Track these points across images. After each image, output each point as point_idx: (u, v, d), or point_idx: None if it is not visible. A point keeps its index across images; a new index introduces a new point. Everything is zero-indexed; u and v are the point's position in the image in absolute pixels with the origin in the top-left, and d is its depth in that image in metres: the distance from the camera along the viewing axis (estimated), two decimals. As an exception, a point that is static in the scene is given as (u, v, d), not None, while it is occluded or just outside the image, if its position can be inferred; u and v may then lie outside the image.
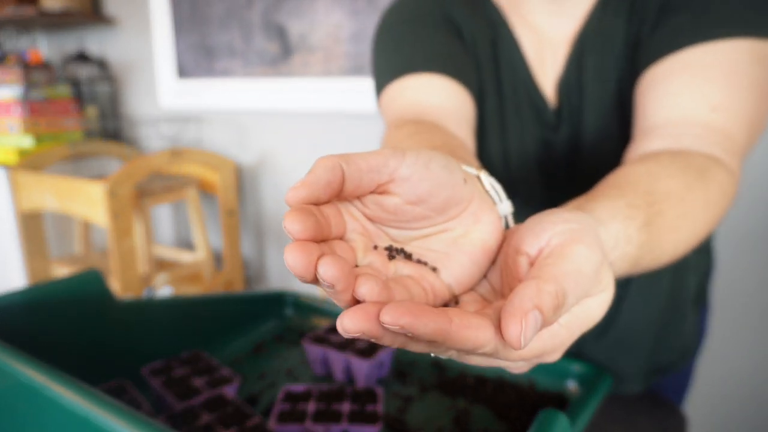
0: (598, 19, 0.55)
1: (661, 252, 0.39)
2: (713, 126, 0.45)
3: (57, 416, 0.37)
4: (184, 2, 1.89)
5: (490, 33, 0.59)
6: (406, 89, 0.56)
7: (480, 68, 0.59)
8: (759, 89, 0.47)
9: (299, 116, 1.76)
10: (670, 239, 0.38)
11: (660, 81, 0.48)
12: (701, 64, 0.47)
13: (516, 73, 0.59)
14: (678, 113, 0.46)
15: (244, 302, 0.80)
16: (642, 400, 0.63)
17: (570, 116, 0.58)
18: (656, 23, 0.52)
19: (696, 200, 0.40)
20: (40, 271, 1.93)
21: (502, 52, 0.59)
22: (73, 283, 0.57)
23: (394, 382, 0.65)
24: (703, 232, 0.43)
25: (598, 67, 0.55)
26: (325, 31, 1.63)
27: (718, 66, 0.46)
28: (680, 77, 0.47)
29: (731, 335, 1.24)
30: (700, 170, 0.42)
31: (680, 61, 0.48)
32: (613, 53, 0.55)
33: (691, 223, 0.40)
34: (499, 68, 0.59)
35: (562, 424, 0.43)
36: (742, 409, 1.28)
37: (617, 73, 0.55)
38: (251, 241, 2.02)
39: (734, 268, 1.21)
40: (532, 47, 0.59)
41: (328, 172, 0.24)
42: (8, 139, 1.92)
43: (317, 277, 0.22)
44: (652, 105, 0.48)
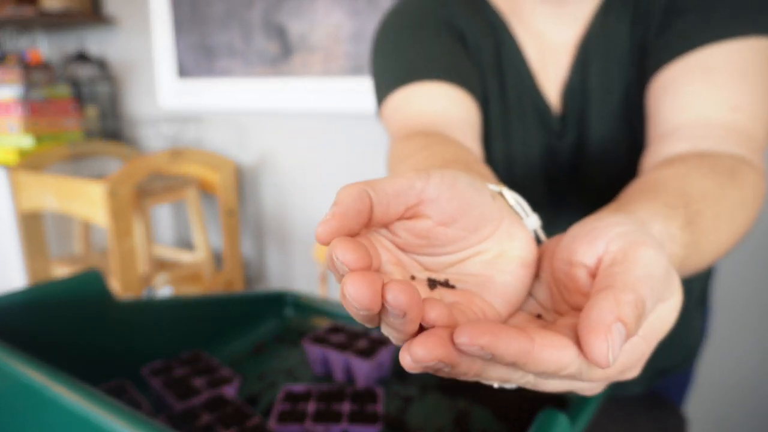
0: (600, 24, 0.55)
1: (703, 253, 0.37)
2: (734, 127, 0.44)
3: (57, 416, 0.37)
4: (184, 2, 1.89)
5: (492, 38, 0.58)
6: (410, 98, 0.54)
7: (484, 73, 0.58)
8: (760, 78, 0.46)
9: (299, 116, 1.76)
10: (712, 240, 0.37)
11: (674, 84, 0.48)
12: (714, 64, 0.46)
13: (520, 79, 0.58)
14: (697, 115, 0.45)
15: (244, 302, 0.80)
16: (642, 401, 0.63)
17: (575, 122, 0.57)
18: (662, 26, 0.51)
19: (731, 200, 0.40)
20: (40, 271, 1.93)
21: (505, 57, 0.58)
22: (73, 283, 0.57)
23: (394, 382, 0.65)
24: (740, 233, 0.42)
25: (603, 72, 0.55)
26: (325, 31, 1.63)
27: (731, 66, 0.46)
28: (695, 79, 0.47)
29: (731, 335, 1.25)
30: (730, 170, 0.41)
31: (692, 63, 0.47)
32: (618, 58, 0.54)
33: (728, 224, 0.40)
34: (502, 73, 0.58)
35: (562, 424, 0.43)
36: (741, 409, 1.28)
37: (623, 78, 0.54)
38: (251, 241, 2.02)
39: (734, 268, 1.21)
40: (535, 52, 0.58)
41: (357, 201, 0.23)
42: (8, 139, 1.92)
43: (386, 306, 0.20)
44: (668, 108, 0.47)
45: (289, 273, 1.96)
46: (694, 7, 0.49)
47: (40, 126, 1.92)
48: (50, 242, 1.98)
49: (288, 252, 1.93)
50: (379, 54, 0.60)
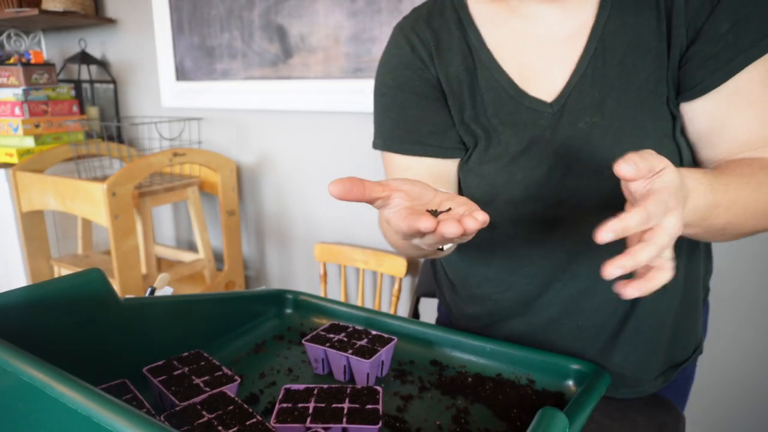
0: (615, 15, 0.58)
1: (731, 208, 0.48)
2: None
3: (58, 415, 0.37)
4: (184, 3, 1.90)
5: (465, 67, 0.65)
6: (395, 166, 0.69)
7: (460, 103, 0.65)
8: None
9: (299, 116, 1.77)
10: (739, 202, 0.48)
11: (725, 115, 0.55)
12: (753, 85, 0.53)
13: (501, 90, 0.63)
14: (744, 138, 0.54)
15: (244, 302, 0.80)
16: (640, 399, 0.63)
17: (578, 106, 0.60)
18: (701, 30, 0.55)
19: (761, 179, 0.49)
20: (41, 272, 1.94)
21: (482, 77, 0.64)
22: (74, 282, 0.57)
23: (394, 382, 0.65)
24: (759, 223, 0.51)
25: (624, 61, 0.58)
26: (325, 32, 1.63)
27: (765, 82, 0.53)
28: (738, 107, 0.54)
29: (730, 335, 1.25)
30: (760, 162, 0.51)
31: (736, 85, 0.54)
32: (639, 48, 0.57)
33: (759, 196, 0.49)
34: (479, 94, 0.64)
35: (561, 422, 0.43)
36: (738, 408, 1.28)
37: (644, 67, 0.57)
38: (251, 241, 2.03)
39: (734, 268, 1.21)
40: (528, 57, 0.62)
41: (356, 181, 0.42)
42: (10, 139, 1.92)
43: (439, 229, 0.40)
44: (723, 137, 0.55)
45: (289, 273, 1.96)
46: (730, 21, 0.53)
47: (42, 126, 1.92)
48: (51, 243, 1.98)
49: (288, 252, 1.94)
50: (375, 101, 0.71)
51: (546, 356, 0.65)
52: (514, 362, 0.67)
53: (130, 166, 1.60)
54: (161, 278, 0.92)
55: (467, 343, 0.70)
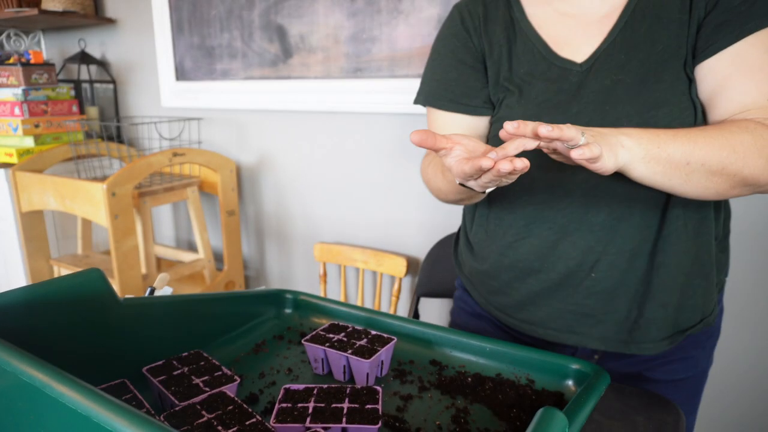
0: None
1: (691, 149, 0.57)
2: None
3: (58, 415, 0.37)
4: (184, 3, 1.90)
5: (507, 36, 0.75)
6: (437, 119, 0.80)
7: (498, 66, 0.75)
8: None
9: (299, 116, 1.77)
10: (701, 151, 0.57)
11: (729, 75, 0.61)
12: (757, 52, 0.60)
13: (537, 53, 0.72)
14: (742, 103, 0.61)
15: (244, 302, 0.80)
16: (639, 398, 0.63)
17: (608, 65, 0.67)
18: (718, 3, 0.62)
19: (729, 137, 0.57)
20: (41, 272, 1.94)
21: (520, 47, 0.74)
22: (74, 282, 0.57)
23: (394, 381, 0.65)
24: (739, 161, 0.57)
25: (652, 27, 0.66)
26: (325, 32, 1.63)
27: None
28: (742, 72, 0.61)
29: (729, 335, 1.25)
30: (744, 127, 0.58)
31: (743, 51, 0.61)
32: (666, 18, 0.65)
33: (717, 148, 0.57)
34: (514, 58, 0.74)
35: (560, 422, 0.43)
36: (738, 408, 1.28)
37: (669, 34, 0.65)
38: (251, 241, 2.03)
39: (734, 268, 1.21)
40: (565, 30, 0.72)
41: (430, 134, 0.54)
42: (9, 139, 1.92)
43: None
44: (723, 99, 0.62)
45: (289, 273, 1.96)
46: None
47: (41, 126, 1.92)
48: (51, 243, 1.98)
49: (288, 252, 1.94)
50: (429, 58, 0.83)
51: (545, 356, 0.66)
52: (513, 362, 0.67)
53: (130, 166, 1.60)
54: (161, 278, 0.92)
55: (467, 343, 0.70)
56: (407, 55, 1.51)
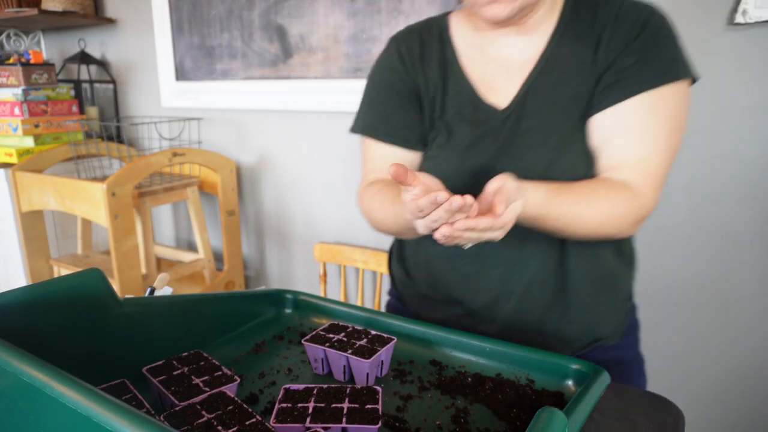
0: (559, 45, 0.73)
1: (561, 212, 0.64)
2: (638, 167, 0.68)
3: (58, 415, 0.37)
4: (184, 3, 1.90)
5: (441, 74, 0.79)
6: (374, 151, 0.83)
7: (433, 104, 0.80)
8: (676, 122, 0.68)
9: (299, 116, 1.77)
10: (571, 210, 0.64)
11: (612, 132, 0.69)
12: (634, 119, 0.68)
13: (463, 96, 0.77)
14: (616, 162, 0.69)
15: (244, 301, 0.80)
16: (639, 398, 0.63)
17: (526, 113, 0.74)
18: (612, 65, 0.69)
19: (595, 196, 0.65)
20: (41, 272, 1.94)
21: (451, 85, 0.78)
22: (74, 282, 0.57)
23: (394, 381, 0.65)
24: (599, 219, 0.66)
25: (560, 79, 0.72)
26: (325, 32, 1.63)
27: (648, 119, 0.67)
28: (622, 131, 0.68)
29: (729, 335, 1.25)
30: (609, 185, 0.66)
31: (626, 112, 0.68)
32: (574, 70, 0.72)
33: (586, 207, 0.64)
34: (447, 96, 0.79)
35: (560, 422, 0.43)
36: (738, 408, 1.28)
37: (575, 84, 0.72)
38: (251, 241, 2.03)
39: (734, 268, 1.21)
40: (490, 74, 0.77)
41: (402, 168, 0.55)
42: (9, 139, 1.92)
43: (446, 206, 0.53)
44: (603, 155, 0.70)
45: (289, 273, 1.96)
46: (636, 58, 0.67)
47: (41, 126, 1.92)
48: (51, 243, 1.98)
49: (288, 252, 1.94)
50: (364, 91, 0.86)
51: (545, 356, 0.66)
52: (513, 362, 0.67)
53: (130, 166, 1.60)
54: (161, 278, 0.92)
55: (467, 343, 0.70)
56: (407, 55, 1.51)
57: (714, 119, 1.17)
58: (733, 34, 1.11)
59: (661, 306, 1.31)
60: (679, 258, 1.27)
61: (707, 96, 1.16)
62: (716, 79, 1.15)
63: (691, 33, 1.15)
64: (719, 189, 1.19)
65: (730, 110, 1.15)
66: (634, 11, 0.70)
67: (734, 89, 1.14)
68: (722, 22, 1.11)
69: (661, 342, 1.33)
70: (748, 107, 1.13)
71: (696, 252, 1.25)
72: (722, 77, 1.14)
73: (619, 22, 0.70)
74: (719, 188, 1.19)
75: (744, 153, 1.15)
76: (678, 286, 1.28)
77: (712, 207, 1.21)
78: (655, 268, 1.30)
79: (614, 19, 0.70)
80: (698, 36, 1.14)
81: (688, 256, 1.26)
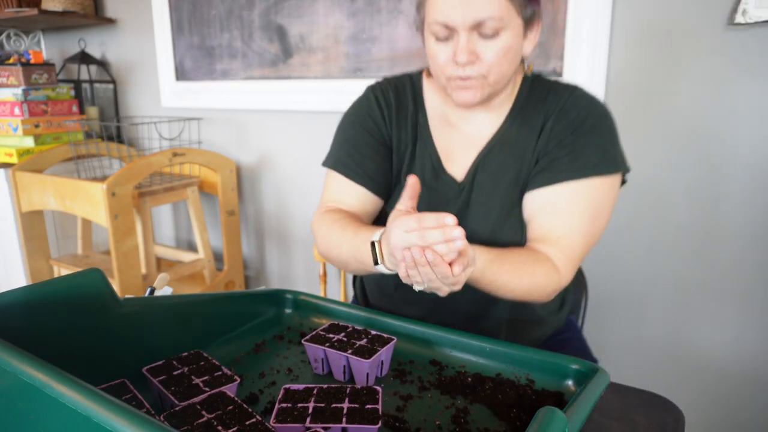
0: (509, 129, 0.82)
1: (496, 278, 0.70)
2: (557, 243, 0.75)
3: (58, 415, 0.37)
4: (184, 3, 1.90)
5: (413, 136, 0.86)
6: (340, 183, 0.86)
7: (401, 161, 0.86)
8: (597, 210, 0.76)
9: (299, 116, 1.77)
10: (503, 277, 0.70)
11: (541, 208, 0.77)
12: (562, 200, 0.76)
13: (428, 161, 0.84)
14: (540, 234, 0.77)
15: (244, 301, 0.80)
16: (639, 398, 0.63)
17: (474, 187, 0.82)
18: (548, 152, 0.78)
19: (524, 269, 0.72)
20: (41, 272, 1.94)
21: (420, 148, 0.85)
22: (74, 282, 0.57)
23: (394, 381, 0.65)
24: (524, 289, 0.73)
25: (505, 159, 0.81)
26: (325, 32, 1.63)
27: (571, 202, 0.75)
28: (551, 210, 0.76)
29: (730, 335, 1.25)
30: (536, 259, 0.73)
31: (552, 194, 0.76)
32: (517, 153, 0.81)
33: (516, 277, 0.71)
34: (415, 159, 0.85)
35: (560, 422, 0.43)
36: (738, 408, 1.28)
37: (516, 167, 0.80)
38: (251, 241, 2.03)
39: (735, 268, 1.21)
40: (452, 144, 0.84)
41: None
42: (9, 139, 1.92)
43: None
44: (536, 225, 0.78)
45: (289, 273, 1.96)
46: (569, 150, 0.76)
47: (41, 126, 1.92)
48: (51, 242, 1.98)
49: (288, 252, 1.94)
50: (338, 128, 0.90)
51: (545, 356, 0.66)
52: (513, 362, 0.67)
53: (130, 166, 1.60)
54: (161, 278, 0.92)
55: (467, 343, 0.70)
56: (407, 55, 1.51)
57: (714, 119, 1.17)
58: (733, 34, 1.11)
59: (661, 306, 1.31)
60: (679, 258, 1.27)
61: (707, 96, 1.16)
62: (716, 79, 1.15)
63: (691, 33, 1.15)
64: (719, 189, 1.19)
65: (730, 110, 1.15)
66: (578, 106, 0.78)
67: (734, 89, 1.14)
68: (722, 22, 1.11)
69: (661, 342, 1.33)
70: (748, 107, 1.13)
71: (696, 252, 1.25)
72: (722, 77, 1.14)
73: (563, 113, 0.78)
74: (719, 188, 1.19)
75: (744, 153, 1.15)
76: (678, 287, 1.28)
77: (712, 207, 1.21)
78: (655, 268, 1.30)
79: (559, 110, 0.78)
80: (698, 36, 1.14)
81: (688, 257, 1.26)
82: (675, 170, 1.23)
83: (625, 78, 1.24)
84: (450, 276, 0.58)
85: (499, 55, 0.71)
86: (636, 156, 1.26)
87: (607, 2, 1.20)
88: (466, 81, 0.74)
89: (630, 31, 1.21)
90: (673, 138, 1.22)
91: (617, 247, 1.33)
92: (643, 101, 1.23)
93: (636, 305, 1.34)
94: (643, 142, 1.25)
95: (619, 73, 1.25)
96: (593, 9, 1.22)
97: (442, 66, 0.74)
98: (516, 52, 0.74)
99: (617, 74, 1.25)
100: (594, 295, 1.37)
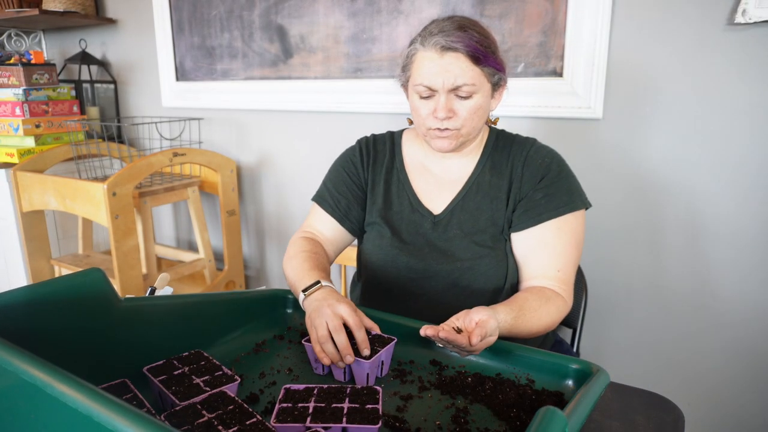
0: (481, 173, 0.93)
1: (524, 326, 0.77)
2: (558, 277, 0.86)
3: (59, 414, 0.37)
4: (184, 3, 1.90)
5: (390, 178, 0.98)
6: (318, 214, 1.01)
7: (375, 201, 0.98)
8: (577, 240, 0.88)
9: (299, 116, 1.77)
10: (527, 325, 0.77)
11: (534, 247, 0.88)
12: (550, 237, 0.87)
13: (405, 200, 0.96)
14: (541, 272, 0.87)
15: (244, 302, 0.80)
16: (639, 398, 0.63)
17: (452, 224, 0.92)
18: (525, 196, 0.90)
19: (542, 311, 0.80)
20: (41, 271, 1.94)
21: (394, 188, 0.98)
22: (75, 282, 0.57)
23: (394, 381, 0.65)
24: (545, 327, 0.81)
25: (481, 201, 0.92)
26: (325, 32, 1.63)
27: (558, 239, 0.87)
28: (540, 248, 0.87)
29: (730, 335, 1.25)
30: (548, 297, 0.83)
31: (539, 232, 0.87)
32: (491, 196, 0.92)
33: (537, 321, 0.79)
34: (392, 200, 0.97)
35: (560, 422, 0.43)
36: (738, 408, 1.28)
37: (491, 208, 0.91)
38: (251, 241, 2.03)
39: (735, 268, 1.21)
40: (428, 185, 0.96)
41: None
42: (10, 139, 1.93)
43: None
44: (529, 265, 0.88)
45: (290, 273, 1.96)
46: (544, 194, 0.88)
47: (42, 127, 1.92)
48: (52, 242, 1.98)
49: (289, 252, 1.94)
50: (330, 168, 1.05)
51: (546, 356, 0.66)
52: (513, 362, 0.67)
53: (131, 166, 1.61)
54: (161, 278, 0.93)
55: (467, 343, 0.70)
56: (407, 55, 1.51)
57: (714, 119, 1.17)
58: (733, 34, 1.11)
59: (661, 306, 1.31)
60: (679, 258, 1.27)
61: (707, 96, 1.16)
62: (716, 79, 1.15)
63: (691, 33, 1.15)
64: (719, 189, 1.19)
65: (730, 110, 1.15)
66: (540, 155, 0.91)
67: (734, 89, 1.14)
68: (722, 22, 1.11)
69: (661, 342, 1.33)
70: (747, 107, 1.13)
71: (696, 252, 1.25)
72: (722, 77, 1.14)
73: (529, 162, 0.91)
74: (719, 188, 1.19)
75: (743, 153, 1.15)
76: (679, 287, 1.28)
77: (712, 207, 1.21)
78: (655, 268, 1.30)
79: (524, 159, 0.92)
80: (698, 36, 1.14)
81: (688, 257, 1.26)
82: (675, 170, 1.23)
83: (625, 78, 1.24)
84: (468, 347, 0.64)
85: (471, 112, 0.85)
86: (636, 156, 1.26)
87: (607, 2, 1.20)
88: (443, 132, 0.86)
89: (630, 31, 1.21)
90: (673, 138, 1.22)
91: (617, 247, 1.33)
92: (643, 101, 1.23)
93: (636, 305, 1.34)
94: (643, 142, 1.25)
95: (619, 73, 1.25)
96: (593, 9, 1.22)
97: (424, 118, 0.87)
98: (485, 109, 0.87)
99: (617, 74, 1.25)
100: (593, 295, 1.37)
